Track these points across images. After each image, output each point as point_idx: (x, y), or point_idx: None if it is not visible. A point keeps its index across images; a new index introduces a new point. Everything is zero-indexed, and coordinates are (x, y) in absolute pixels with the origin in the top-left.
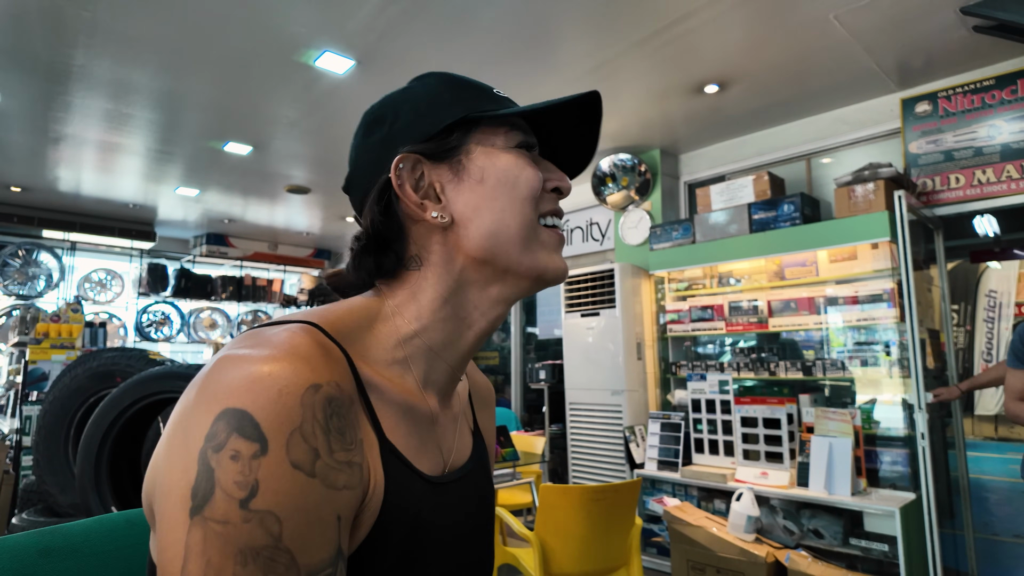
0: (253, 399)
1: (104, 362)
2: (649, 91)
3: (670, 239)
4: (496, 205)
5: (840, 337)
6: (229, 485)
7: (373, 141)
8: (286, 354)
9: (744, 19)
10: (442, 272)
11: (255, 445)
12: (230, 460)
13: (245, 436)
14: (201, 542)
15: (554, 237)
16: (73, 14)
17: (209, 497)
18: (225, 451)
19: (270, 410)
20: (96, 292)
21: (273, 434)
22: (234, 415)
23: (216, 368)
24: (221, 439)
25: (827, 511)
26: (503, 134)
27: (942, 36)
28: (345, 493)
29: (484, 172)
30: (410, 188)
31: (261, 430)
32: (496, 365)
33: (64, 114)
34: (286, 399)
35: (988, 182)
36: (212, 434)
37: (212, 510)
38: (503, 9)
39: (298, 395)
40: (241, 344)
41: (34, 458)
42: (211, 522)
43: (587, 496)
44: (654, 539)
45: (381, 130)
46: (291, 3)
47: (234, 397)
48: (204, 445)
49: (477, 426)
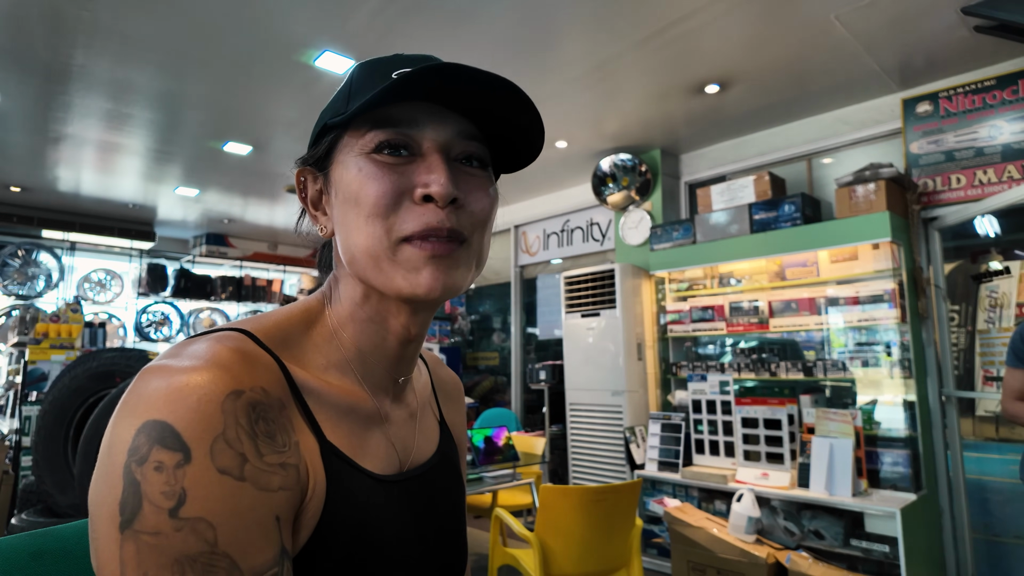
0: (172, 409)
1: (104, 362)
2: (650, 91)
3: (671, 239)
4: (345, 223)
5: (841, 338)
6: (156, 496)
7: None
8: (205, 363)
9: (745, 19)
10: (347, 277)
11: (178, 455)
12: (154, 471)
13: (167, 447)
14: (135, 556)
15: (416, 252)
16: (73, 14)
17: (138, 510)
18: (149, 463)
19: (190, 419)
20: (95, 292)
21: (195, 443)
22: (154, 427)
23: (138, 382)
24: (144, 452)
25: (828, 512)
26: (363, 135)
27: (943, 36)
28: (281, 494)
29: (337, 186)
30: (309, 200)
31: (183, 439)
32: (496, 365)
33: (64, 114)
34: (205, 407)
35: (989, 182)
36: (134, 448)
37: (142, 523)
38: (503, 9)
39: (218, 402)
40: (164, 356)
41: (33, 458)
42: (142, 535)
43: (587, 497)
44: (655, 540)
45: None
46: (291, 3)
47: (153, 409)
48: (127, 459)
49: (443, 419)
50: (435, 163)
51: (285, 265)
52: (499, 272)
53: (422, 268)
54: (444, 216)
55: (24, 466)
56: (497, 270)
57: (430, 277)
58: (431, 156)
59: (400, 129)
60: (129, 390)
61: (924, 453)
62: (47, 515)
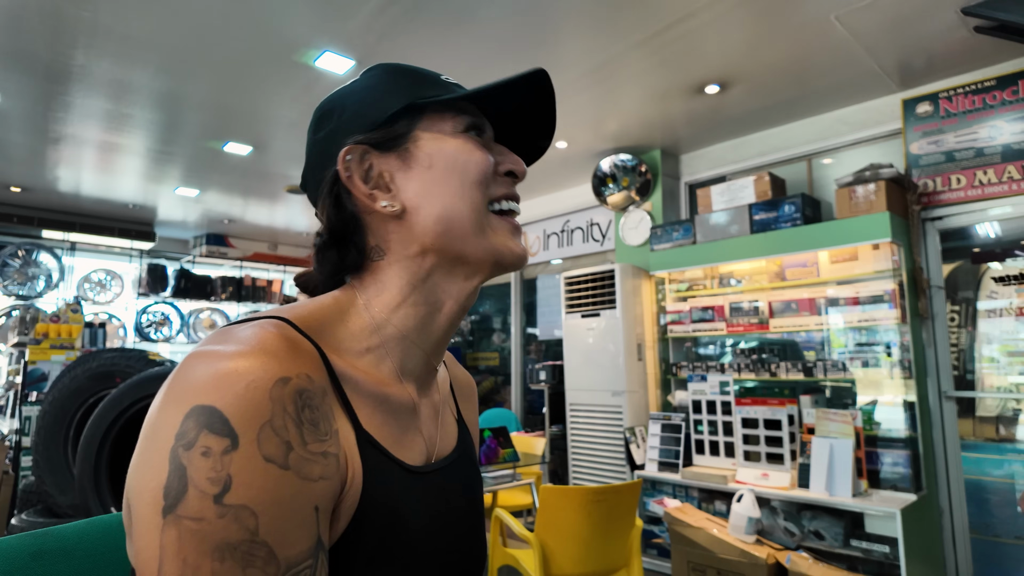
0: (221, 395)
1: (104, 363)
2: (650, 91)
3: (671, 240)
4: (446, 190)
5: (841, 338)
6: (201, 481)
7: (322, 136)
8: (253, 349)
9: (745, 19)
10: (404, 260)
11: (225, 440)
12: (201, 457)
13: (215, 432)
14: (176, 541)
15: (506, 224)
16: (73, 14)
17: (182, 495)
18: (196, 448)
19: (238, 405)
20: (96, 292)
21: (243, 429)
22: (203, 412)
23: (184, 367)
24: (191, 436)
25: (828, 512)
26: (451, 119)
27: (943, 37)
28: (322, 484)
29: (432, 158)
30: (359, 179)
31: (231, 425)
32: (496, 366)
33: (64, 114)
34: (254, 393)
35: (989, 183)
36: (182, 432)
37: (186, 508)
38: (503, 9)
39: (266, 389)
40: (209, 342)
41: (33, 459)
42: (185, 520)
43: (587, 497)
44: (655, 540)
45: (330, 124)
46: (291, 3)
47: (202, 394)
48: (174, 444)
49: (460, 416)
50: (504, 149)
51: (285, 265)
52: None
53: (515, 236)
54: (515, 190)
55: (24, 466)
56: None
57: (522, 245)
58: (499, 145)
59: (480, 119)
60: (175, 375)
61: (924, 453)
62: (47, 515)
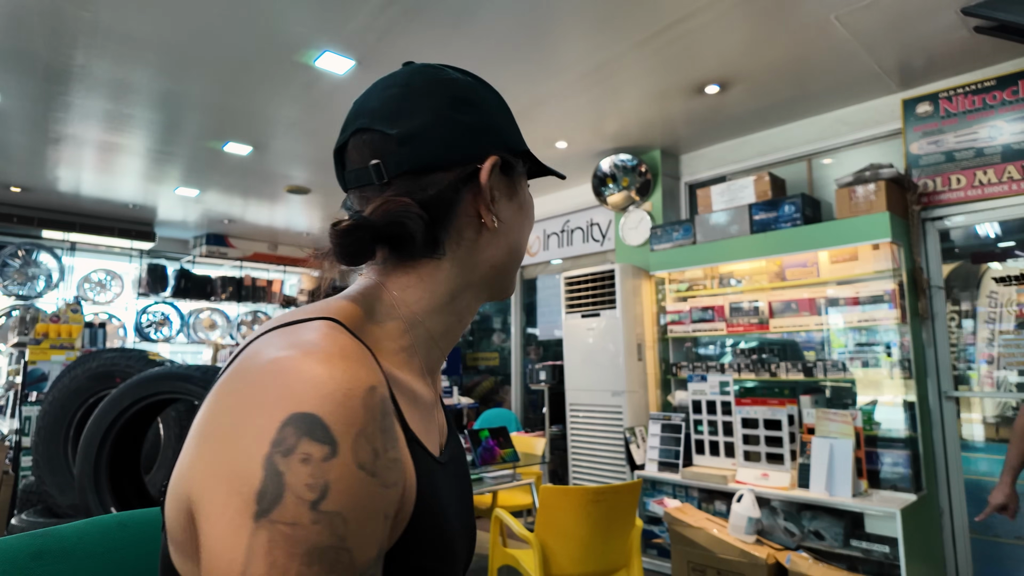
0: (320, 403)
1: (104, 363)
2: (650, 91)
3: (671, 240)
4: (523, 230)
5: (841, 338)
6: (300, 488)
7: (464, 121)
8: (340, 356)
9: (745, 19)
10: (460, 268)
11: (326, 448)
12: (300, 463)
13: (316, 439)
14: (267, 544)
15: None
16: (73, 14)
17: (278, 501)
18: (295, 455)
19: (339, 413)
20: (96, 292)
21: (342, 436)
22: (303, 419)
23: (269, 372)
24: (290, 443)
25: (828, 512)
26: (523, 173)
27: (943, 37)
28: (393, 490)
29: (522, 199)
30: (488, 187)
31: (331, 433)
32: (496, 366)
33: (64, 114)
34: (351, 402)
35: (989, 183)
36: (279, 439)
37: (281, 513)
38: (503, 9)
39: (360, 397)
40: (284, 346)
41: (33, 459)
42: (280, 525)
43: (587, 497)
44: (655, 540)
45: (472, 113)
46: (291, 3)
47: (300, 401)
48: (270, 450)
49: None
50: None
51: (285, 265)
52: None
53: None
54: None
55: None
56: None
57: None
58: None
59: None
60: (256, 381)
61: (924, 453)
62: (47, 515)
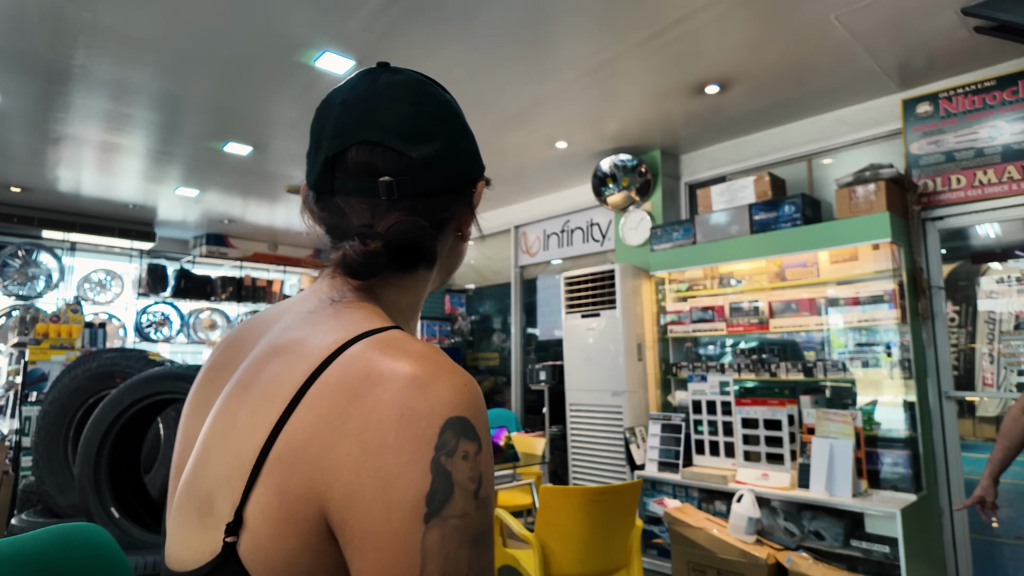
0: (467, 407)
1: (104, 363)
2: (650, 91)
3: (671, 240)
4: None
5: (841, 338)
6: (464, 482)
7: (467, 148)
8: (454, 364)
9: (745, 20)
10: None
11: (475, 444)
12: (463, 460)
13: (469, 438)
14: (440, 540)
15: None
16: (73, 14)
17: (448, 498)
18: (458, 454)
19: (478, 414)
20: (96, 293)
21: (482, 432)
22: (459, 423)
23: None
24: (452, 445)
25: (828, 512)
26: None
27: (943, 37)
28: None
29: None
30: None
31: (476, 431)
32: (496, 366)
33: (64, 114)
34: (479, 401)
35: (989, 183)
36: (442, 443)
37: (451, 508)
38: (503, 9)
39: (480, 396)
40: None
41: (33, 459)
42: (451, 519)
43: (587, 497)
44: (655, 540)
45: (471, 140)
46: (291, 3)
47: (451, 408)
48: (435, 455)
49: None
50: None
51: (285, 265)
52: (499, 272)
53: None
54: None
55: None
56: (497, 270)
57: None
58: None
59: None
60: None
61: (924, 454)
62: (47, 516)
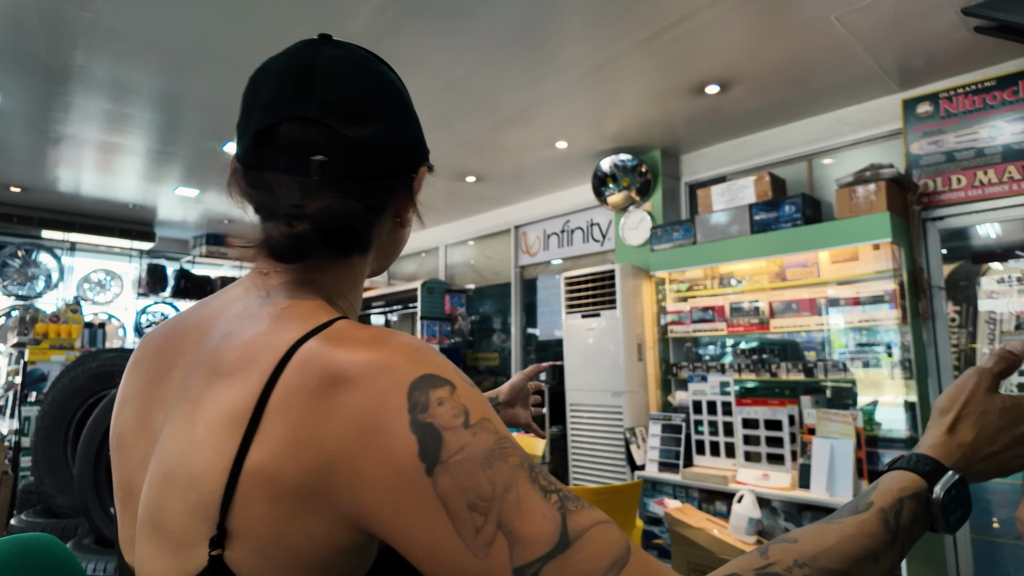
0: (425, 365)
1: (103, 363)
2: (650, 91)
3: (671, 240)
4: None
5: (841, 338)
6: (449, 420)
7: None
8: (394, 332)
9: (745, 20)
10: (375, 259)
11: (446, 387)
12: (439, 407)
13: (437, 386)
14: (451, 482)
15: None
16: (73, 14)
17: (440, 444)
18: (432, 404)
19: (440, 364)
20: (95, 293)
21: (452, 375)
22: (422, 380)
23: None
24: (423, 400)
25: (829, 513)
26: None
27: (943, 37)
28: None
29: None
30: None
31: (444, 377)
32: (496, 366)
33: (64, 114)
34: (433, 353)
35: (990, 183)
36: (413, 404)
37: (447, 451)
38: (503, 10)
39: (433, 349)
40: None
41: (33, 459)
42: (452, 458)
43: (588, 498)
44: (655, 541)
45: (414, 124)
46: (291, 4)
47: (413, 372)
48: (411, 417)
49: None
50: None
51: None
52: (499, 272)
53: None
54: None
55: (24, 467)
56: (497, 270)
57: None
58: None
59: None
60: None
61: None
62: (47, 515)
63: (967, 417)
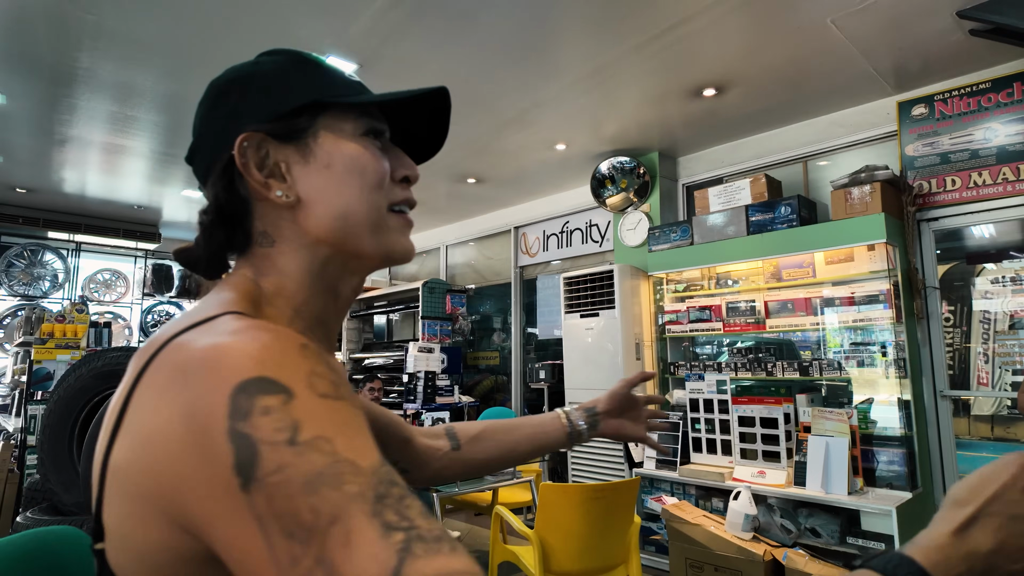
0: (265, 366)
1: (109, 362)
2: (648, 94)
3: (668, 241)
4: (345, 191)
5: (837, 337)
6: (268, 433)
7: (219, 115)
8: (265, 328)
9: (742, 23)
10: (299, 249)
11: (281, 396)
12: (262, 417)
13: (268, 392)
14: (267, 503)
15: (401, 221)
16: (78, 17)
17: (254, 459)
18: (254, 414)
19: (283, 366)
20: (101, 292)
21: (294, 382)
22: (250, 384)
23: (207, 358)
24: (246, 407)
25: (824, 510)
26: (352, 121)
27: (938, 39)
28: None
29: (331, 158)
30: (254, 166)
31: (282, 383)
32: (496, 365)
33: (69, 116)
34: (290, 355)
35: (984, 184)
36: (234, 409)
37: (263, 468)
38: (503, 13)
39: (297, 350)
40: (210, 335)
41: (39, 457)
42: (267, 479)
43: (586, 495)
44: (653, 537)
45: (227, 104)
46: (295, 7)
47: (243, 371)
48: (228, 424)
49: None
50: (402, 154)
51: None
52: (499, 272)
53: (406, 232)
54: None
55: (29, 464)
56: (497, 271)
57: (411, 241)
58: (395, 148)
59: (381, 123)
60: (195, 368)
61: (919, 452)
62: (52, 513)
63: (990, 518)
